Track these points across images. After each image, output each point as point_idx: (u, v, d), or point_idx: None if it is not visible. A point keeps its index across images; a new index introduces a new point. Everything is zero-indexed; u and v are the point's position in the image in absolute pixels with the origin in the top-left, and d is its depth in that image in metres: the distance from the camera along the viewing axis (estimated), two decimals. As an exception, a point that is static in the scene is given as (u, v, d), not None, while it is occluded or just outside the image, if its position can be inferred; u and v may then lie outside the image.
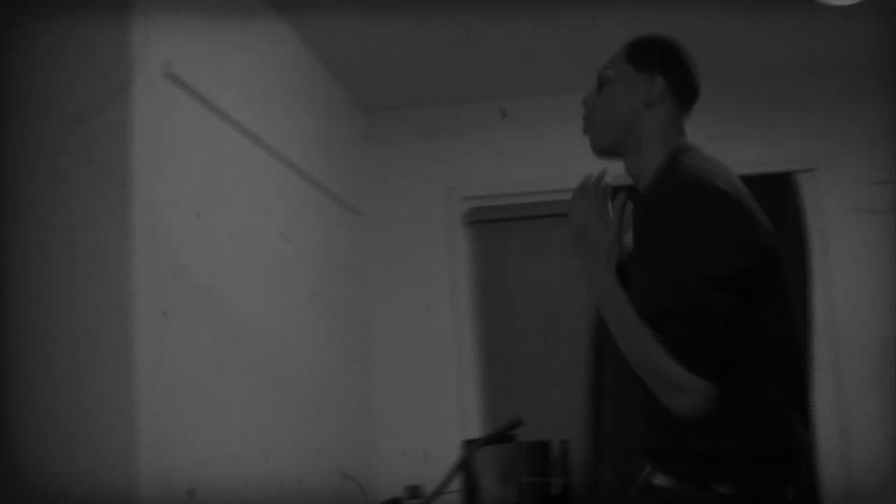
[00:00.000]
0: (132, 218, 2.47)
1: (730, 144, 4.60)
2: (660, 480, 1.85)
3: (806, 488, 1.83)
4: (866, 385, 4.44)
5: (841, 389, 4.45)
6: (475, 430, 4.60)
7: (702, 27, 4.08)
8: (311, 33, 3.98)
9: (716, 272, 1.73)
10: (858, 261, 4.54)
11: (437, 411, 4.71)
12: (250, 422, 3.16)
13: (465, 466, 3.68)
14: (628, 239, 2.05)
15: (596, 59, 2.24)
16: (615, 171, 2.17)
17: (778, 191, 4.62)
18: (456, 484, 3.81)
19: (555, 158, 4.76)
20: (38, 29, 2.57)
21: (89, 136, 2.51)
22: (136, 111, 2.53)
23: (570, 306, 4.57)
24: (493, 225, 4.90)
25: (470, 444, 3.80)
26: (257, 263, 3.35)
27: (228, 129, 3.16)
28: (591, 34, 4.12)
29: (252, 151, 3.37)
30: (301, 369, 3.71)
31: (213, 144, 3.04)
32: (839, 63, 4.53)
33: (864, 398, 4.43)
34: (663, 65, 2.04)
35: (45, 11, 2.57)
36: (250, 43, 3.46)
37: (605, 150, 2.11)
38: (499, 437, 4.14)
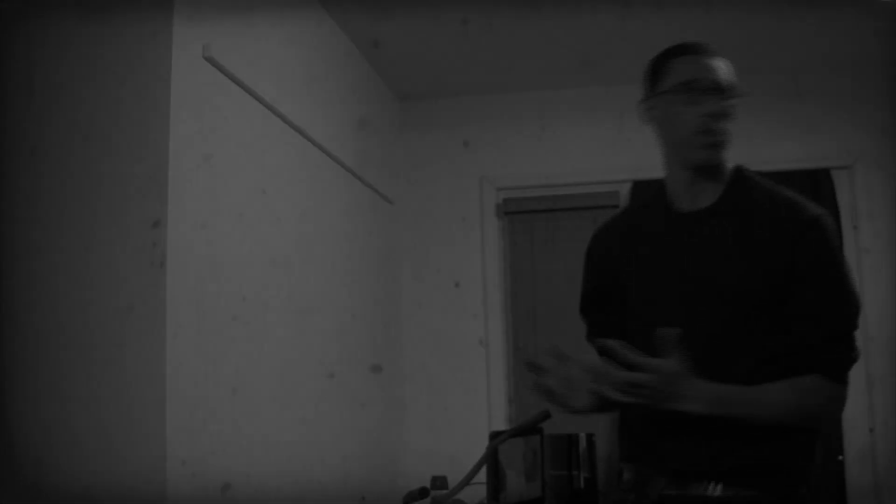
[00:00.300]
0: (167, 209, 2.48)
1: (766, 140, 4.58)
2: (726, 492, 1.89)
3: None
4: (895, 385, 4.40)
5: (870, 389, 4.40)
6: (502, 422, 4.60)
7: (741, 19, 4.04)
8: (348, 20, 3.98)
9: (856, 294, 1.98)
10: (892, 259, 4.49)
11: (465, 402, 4.71)
12: (278, 409, 3.17)
13: (490, 458, 3.67)
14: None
15: (631, 52, 2.22)
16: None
17: (813, 187, 4.58)
18: (481, 475, 3.81)
19: (591, 150, 4.75)
20: (80, 11, 2.58)
21: (128, 118, 2.52)
22: (174, 93, 2.53)
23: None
24: (526, 216, 4.89)
25: (496, 436, 3.79)
26: (288, 250, 3.35)
27: (265, 113, 3.16)
28: (625, 27, 4.10)
29: (288, 137, 3.37)
30: (329, 357, 3.71)
31: (248, 128, 3.04)
32: (879, 59, 4.47)
33: (892, 398, 4.38)
34: None
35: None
36: (288, 29, 3.46)
37: (718, 165, 2.03)
38: (525, 429, 4.14)
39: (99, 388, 2.41)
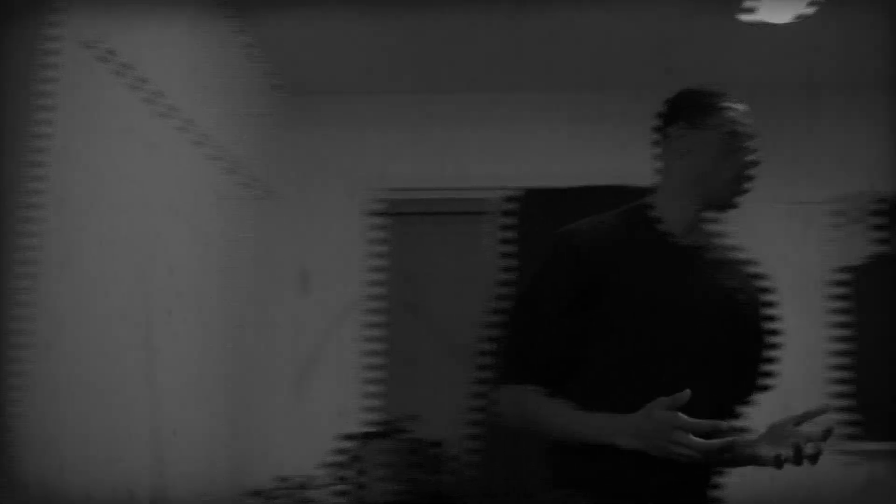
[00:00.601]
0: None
1: (639, 155, 4.62)
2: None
3: None
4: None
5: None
6: (368, 423, 4.55)
7: (610, 30, 4.07)
8: (246, 11, 3.90)
9: None
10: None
11: (332, 402, 4.64)
12: (129, 404, 3.09)
13: (352, 459, 3.64)
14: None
15: (526, 57, 2.20)
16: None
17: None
18: (342, 476, 3.77)
19: (476, 155, 4.76)
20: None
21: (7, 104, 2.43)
22: (53, 78, 2.47)
23: (477, 303, 4.46)
24: (408, 217, 4.87)
25: (358, 437, 3.76)
26: (156, 242, 3.27)
27: (141, 104, 3.08)
28: (522, 33, 4.11)
29: (166, 129, 3.30)
30: (190, 353, 3.62)
31: (126, 117, 2.98)
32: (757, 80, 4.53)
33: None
34: None
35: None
36: (176, 18, 3.39)
37: None
38: (389, 431, 4.12)
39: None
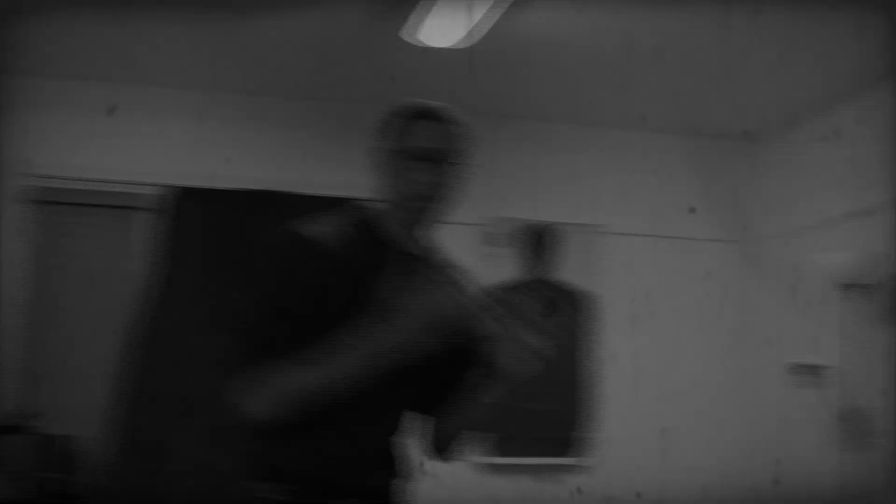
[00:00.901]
0: None
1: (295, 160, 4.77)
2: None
3: None
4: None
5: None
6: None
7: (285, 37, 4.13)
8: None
9: None
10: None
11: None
12: None
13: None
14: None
15: (197, 59, 2.19)
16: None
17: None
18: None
19: (136, 149, 4.70)
20: None
21: None
22: None
23: (122, 300, 4.36)
24: (60, 207, 4.74)
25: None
26: None
27: None
28: (203, 35, 4.11)
29: None
30: None
31: None
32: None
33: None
34: None
35: None
36: None
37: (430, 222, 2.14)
38: (17, 426, 3.97)
39: None
